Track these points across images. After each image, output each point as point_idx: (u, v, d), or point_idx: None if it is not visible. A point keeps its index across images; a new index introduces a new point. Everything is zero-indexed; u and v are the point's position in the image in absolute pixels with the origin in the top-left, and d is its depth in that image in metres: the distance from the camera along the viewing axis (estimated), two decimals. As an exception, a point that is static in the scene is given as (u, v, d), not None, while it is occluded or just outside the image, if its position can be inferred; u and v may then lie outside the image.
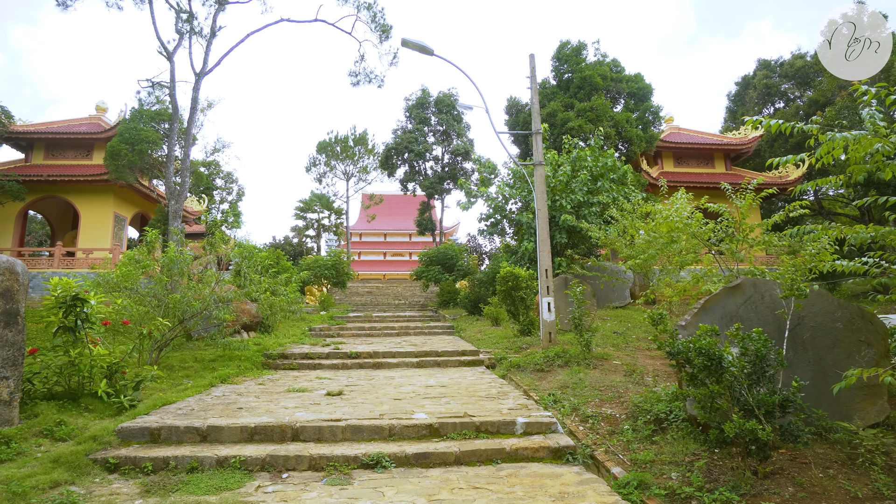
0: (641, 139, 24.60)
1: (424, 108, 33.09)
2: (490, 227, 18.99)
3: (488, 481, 4.45)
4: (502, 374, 9.27)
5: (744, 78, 36.59)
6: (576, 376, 8.03)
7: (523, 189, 17.80)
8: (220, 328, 9.78)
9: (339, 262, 26.80)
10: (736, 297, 5.63)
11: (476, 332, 14.62)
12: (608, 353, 9.77)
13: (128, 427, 5.37)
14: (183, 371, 9.00)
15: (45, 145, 26.10)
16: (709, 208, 8.62)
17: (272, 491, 4.27)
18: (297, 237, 44.05)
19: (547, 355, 9.25)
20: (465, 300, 20.13)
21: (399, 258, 53.80)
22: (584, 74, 25.23)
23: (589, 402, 6.77)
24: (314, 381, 8.56)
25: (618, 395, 7.02)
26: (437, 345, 12.36)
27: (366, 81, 24.92)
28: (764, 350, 4.23)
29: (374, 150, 39.85)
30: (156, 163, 23.72)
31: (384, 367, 10.19)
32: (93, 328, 6.61)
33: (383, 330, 15.65)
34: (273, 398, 7.04)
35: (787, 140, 29.27)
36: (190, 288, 9.33)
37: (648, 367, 9.04)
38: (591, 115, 23.93)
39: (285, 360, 10.46)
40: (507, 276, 12.61)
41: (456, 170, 32.43)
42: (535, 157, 10.79)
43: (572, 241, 17.21)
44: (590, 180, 16.95)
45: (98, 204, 25.22)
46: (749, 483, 3.96)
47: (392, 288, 31.22)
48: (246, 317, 12.07)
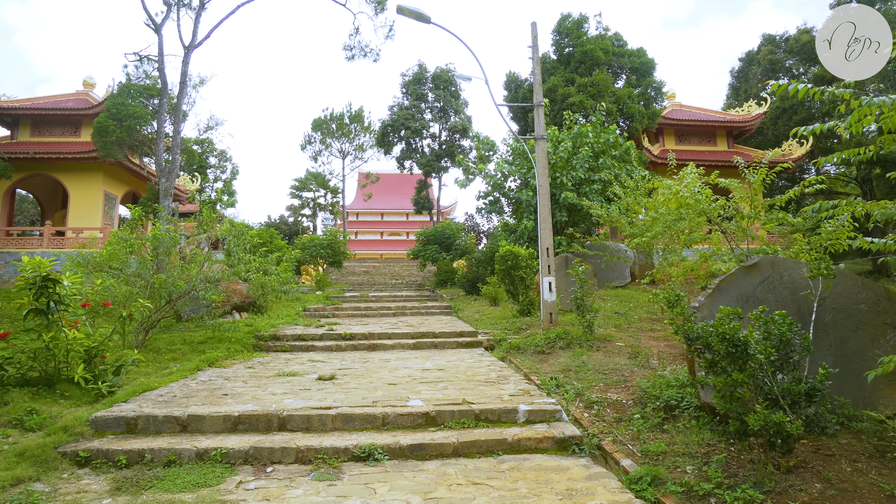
0: (643, 115, 24.00)
1: (421, 83, 32.28)
2: (489, 205, 18.54)
3: (489, 476, 4.12)
4: (502, 357, 8.96)
5: (748, 54, 35.68)
6: (578, 359, 7.73)
7: (523, 166, 17.30)
8: (209, 309, 9.40)
9: (335, 242, 26.36)
10: (753, 276, 5.26)
11: (474, 312, 14.30)
12: (611, 335, 9.46)
13: (102, 416, 5.01)
14: (170, 354, 8.65)
15: (31, 122, 25.35)
16: (719, 184, 8.21)
17: (254, 488, 3.93)
18: (292, 216, 43.47)
19: (548, 337, 8.93)
20: (462, 280, 19.78)
21: (396, 237, 53.38)
22: (585, 48, 24.49)
23: (593, 387, 6.46)
24: (306, 365, 8.22)
25: (623, 378, 6.71)
26: (434, 325, 12.04)
27: (361, 55, 24.13)
28: (789, 335, 3.88)
29: (371, 127, 39.05)
30: (145, 139, 23.05)
31: (379, 349, 9.87)
32: (68, 310, 6.22)
33: (379, 310, 15.32)
34: (261, 383, 6.70)
35: (790, 117, 28.71)
36: (176, 268, 8.92)
37: (653, 348, 8.74)
38: (593, 90, 23.29)
39: (277, 341, 10.12)
40: (507, 255, 12.23)
41: (454, 147, 31.77)
42: (537, 132, 10.32)
43: (573, 219, 16.79)
44: (591, 157, 16.46)
45: (87, 182, 24.59)
46: (772, 479, 3.64)
47: (389, 267, 30.86)
48: (237, 297, 11.68)
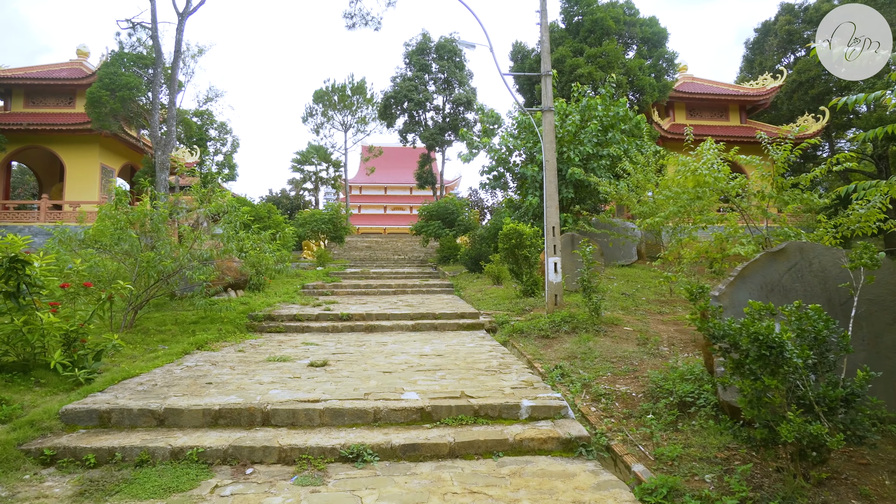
0: (654, 88, 23.17)
1: (425, 54, 31.33)
2: (493, 180, 17.98)
3: (487, 483, 3.77)
4: (504, 341, 8.60)
5: (764, 24, 34.35)
6: (584, 345, 7.35)
7: (528, 140, 16.68)
8: (200, 288, 9.03)
9: (337, 217, 25.90)
10: (779, 263, 4.80)
11: (476, 291, 13.92)
12: (618, 318, 9.07)
13: (73, 409, 4.66)
14: (159, 335, 8.32)
15: (24, 92, 24.72)
16: (738, 161, 7.68)
17: (230, 493, 3.59)
18: (294, 190, 42.88)
19: (553, 320, 8.55)
20: (465, 257, 19.37)
21: (399, 212, 52.82)
22: (595, 17, 23.52)
23: (601, 377, 6.08)
24: (299, 348, 7.88)
25: (632, 368, 6.33)
26: (435, 305, 11.68)
27: (362, 24, 23.15)
28: (825, 332, 3.45)
29: (373, 99, 38.13)
30: (141, 110, 22.45)
31: (377, 331, 9.52)
32: (41, 293, 5.84)
33: (379, 288, 14.96)
34: (249, 370, 6.35)
35: (807, 91, 27.75)
36: (166, 245, 8.52)
37: (662, 333, 8.35)
38: (602, 61, 22.43)
39: (272, 322, 9.78)
40: (510, 234, 11.77)
41: (457, 120, 30.98)
42: (544, 103, 9.75)
43: (579, 195, 16.25)
44: (600, 131, 15.83)
45: (83, 155, 24.09)
46: (803, 493, 3.26)
47: (392, 243, 30.45)
48: (231, 275, 11.32)
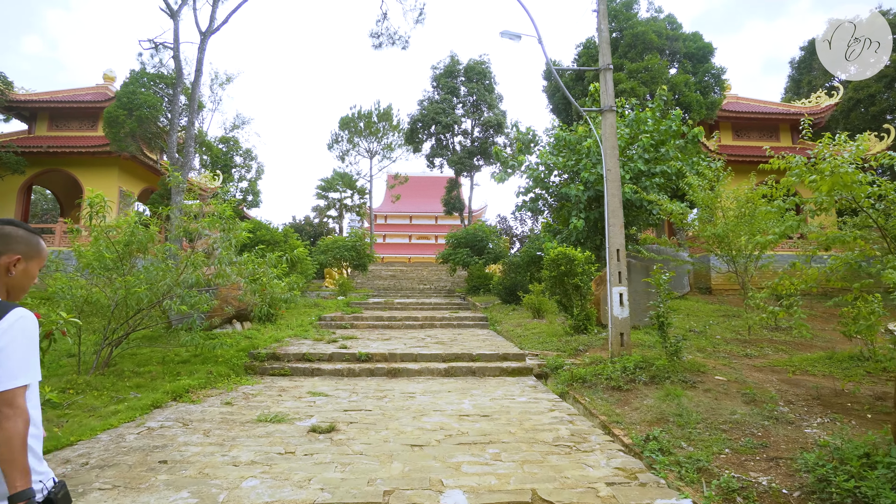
0: (702, 105, 21.40)
1: (453, 76, 30.30)
2: (530, 202, 16.30)
3: None
4: (562, 392, 6.81)
5: (810, 42, 32.55)
6: (673, 402, 5.53)
7: (570, 158, 15.05)
8: (192, 320, 7.51)
9: (361, 244, 24.49)
10: None
11: (515, 325, 12.14)
12: (701, 363, 7.20)
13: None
14: (135, 379, 6.76)
15: (48, 115, 24.39)
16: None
17: None
18: (318, 217, 41.94)
19: (624, 366, 6.75)
20: (498, 286, 17.63)
21: (425, 241, 51.56)
22: (636, 31, 22.08)
23: (718, 456, 4.26)
24: (303, 400, 6.20)
25: (758, 441, 4.48)
26: (469, 343, 9.93)
27: (389, 43, 22.33)
28: None
29: (399, 126, 37.29)
30: (160, 131, 21.71)
31: (402, 376, 7.79)
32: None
33: (404, 320, 13.29)
34: (229, 437, 4.69)
35: (867, 108, 25.63)
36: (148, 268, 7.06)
37: (765, 384, 6.45)
38: (645, 76, 20.86)
39: (276, 362, 8.15)
40: (559, 259, 10.04)
41: (487, 144, 29.66)
42: (604, 102, 8.12)
43: (629, 216, 14.48)
44: (652, 146, 14.13)
45: (102, 178, 23.37)
46: None
47: (417, 272, 28.89)
48: (234, 304, 9.82)
